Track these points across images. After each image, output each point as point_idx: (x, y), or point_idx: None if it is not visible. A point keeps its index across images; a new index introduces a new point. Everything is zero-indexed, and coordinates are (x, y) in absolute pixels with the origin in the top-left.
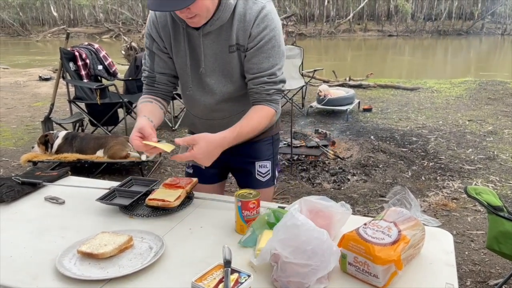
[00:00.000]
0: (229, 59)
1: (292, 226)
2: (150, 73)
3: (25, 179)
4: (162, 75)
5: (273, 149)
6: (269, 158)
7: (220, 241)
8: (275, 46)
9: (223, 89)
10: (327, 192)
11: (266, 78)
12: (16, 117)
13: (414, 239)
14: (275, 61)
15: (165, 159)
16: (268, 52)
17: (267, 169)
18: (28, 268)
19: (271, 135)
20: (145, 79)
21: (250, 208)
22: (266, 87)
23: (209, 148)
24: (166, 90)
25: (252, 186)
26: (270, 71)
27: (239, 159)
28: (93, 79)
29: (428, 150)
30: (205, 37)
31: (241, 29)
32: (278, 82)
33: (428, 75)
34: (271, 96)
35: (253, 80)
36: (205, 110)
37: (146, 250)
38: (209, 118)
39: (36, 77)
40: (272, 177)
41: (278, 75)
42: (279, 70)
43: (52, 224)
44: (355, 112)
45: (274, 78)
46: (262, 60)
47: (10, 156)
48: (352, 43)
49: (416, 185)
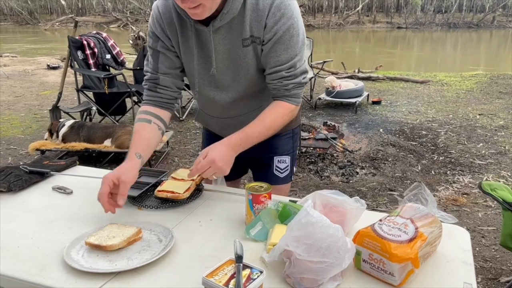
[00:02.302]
0: (243, 54)
1: (307, 224)
2: (153, 75)
3: (33, 168)
4: (167, 76)
5: (293, 144)
6: (288, 153)
7: (230, 234)
8: (294, 35)
9: (238, 87)
10: (335, 185)
11: (284, 72)
12: (25, 105)
13: (431, 236)
14: (294, 51)
15: (172, 149)
16: (286, 43)
17: (286, 165)
18: (35, 259)
19: (291, 128)
20: (146, 83)
21: (261, 201)
22: (285, 82)
23: (220, 149)
24: (170, 96)
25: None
26: (289, 63)
27: (257, 153)
28: (101, 68)
29: (438, 144)
30: (216, 33)
31: (255, 20)
32: (299, 75)
33: (437, 68)
34: (290, 91)
35: (271, 75)
36: (220, 109)
37: (155, 243)
38: (225, 117)
39: (44, 66)
40: (290, 173)
41: (298, 66)
42: (299, 61)
43: (59, 215)
44: (364, 105)
45: (293, 71)
46: (280, 52)
47: (18, 144)
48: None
49: (426, 179)
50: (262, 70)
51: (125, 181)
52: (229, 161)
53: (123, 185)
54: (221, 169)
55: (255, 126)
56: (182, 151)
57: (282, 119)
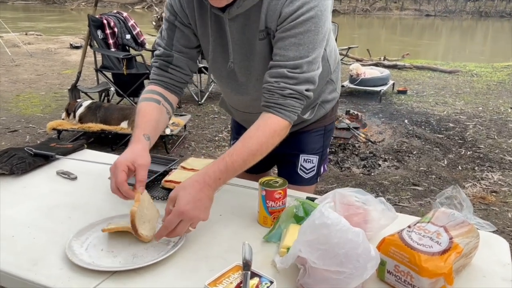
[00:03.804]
0: (260, 48)
1: (321, 226)
2: (166, 51)
3: (37, 151)
4: (181, 55)
5: (323, 142)
6: (317, 152)
7: (240, 233)
8: (311, 30)
9: (256, 84)
10: (356, 177)
11: (286, 70)
12: (46, 84)
13: (467, 248)
14: (305, 51)
15: (189, 133)
16: (299, 37)
17: (313, 165)
18: (29, 251)
19: (324, 125)
20: (157, 60)
21: (275, 198)
22: (282, 84)
23: (190, 193)
24: (181, 79)
25: (291, 181)
26: (295, 62)
27: (283, 149)
28: (120, 49)
29: (466, 138)
30: (233, 21)
31: (271, 9)
32: (302, 82)
33: (467, 58)
34: (286, 99)
35: (271, 70)
36: (240, 104)
37: (163, 239)
38: (245, 111)
39: (67, 45)
40: (316, 174)
41: (305, 70)
42: (309, 64)
43: (60, 202)
44: (388, 94)
45: (298, 74)
46: (289, 47)
47: (37, 123)
48: (387, 22)
49: (452, 174)
50: None
51: (142, 165)
52: (205, 204)
53: (141, 169)
54: (197, 218)
55: (238, 152)
56: (200, 136)
57: (272, 141)
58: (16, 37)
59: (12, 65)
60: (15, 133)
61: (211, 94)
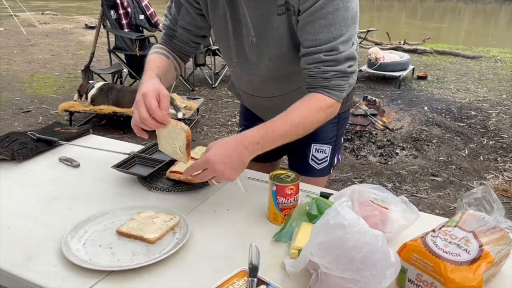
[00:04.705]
0: (277, 24)
1: (336, 227)
2: (172, 24)
3: (40, 136)
4: (185, 31)
5: (337, 131)
6: (330, 141)
7: (248, 231)
8: (340, 8)
9: (269, 64)
10: (372, 166)
11: (323, 55)
12: (60, 64)
13: (499, 256)
14: (338, 30)
15: (202, 117)
16: (328, 18)
17: (325, 155)
18: (24, 245)
19: (338, 113)
20: (164, 28)
21: (286, 194)
22: (323, 67)
23: (224, 148)
24: (185, 50)
25: (303, 172)
26: (329, 45)
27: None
28: (134, 29)
29: (489, 127)
30: None
31: None
32: (342, 61)
33: (490, 44)
34: (330, 80)
35: (306, 57)
36: (249, 86)
37: (168, 235)
38: (254, 95)
39: (82, 25)
40: (329, 165)
41: (342, 50)
42: (345, 44)
43: (61, 191)
44: (408, 79)
45: (335, 55)
46: (320, 29)
47: (50, 104)
48: (407, 4)
49: (473, 165)
50: (298, 47)
51: (166, 95)
52: (234, 164)
53: (165, 99)
54: (221, 173)
55: (280, 122)
56: (212, 120)
57: (317, 116)
58: (32, 17)
59: (28, 44)
60: (28, 114)
61: (225, 77)
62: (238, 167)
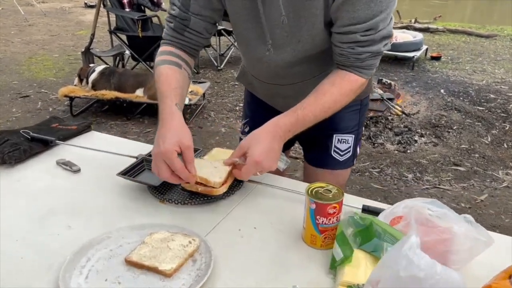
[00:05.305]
0: (308, 4)
1: (409, 281)
2: (183, 13)
3: (35, 135)
4: (199, 18)
5: (359, 119)
6: (352, 130)
7: (283, 256)
8: None
9: (297, 46)
10: (391, 154)
11: (359, 35)
12: (59, 45)
13: None
14: (379, 7)
15: (209, 102)
16: None
17: (348, 146)
18: (13, 279)
19: (360, 99)
20: (172, 20)
21: (328, 214)
22: (358, 48)
23: (264, 144)
24: (198, 43)
25: (325, 165)
26: (368, 23)
27: (312, 130)
28: (135, 9)
29: (509, 111)
30: None
31: None
32: (379, 40)
33: (506, 21)
34: (363, 61)
35: (341, 35)
36: (269, 72)
37: (188, 264)
38: (273, 83)
39: (81, 3)
40: (352, 156)
41: (381, 28)
42: (384, 21)
43: (59, 204)
44: (421, 60)
45: (373, 35)
46: (359, 6)
47: (49, 88)
48: None
49: (497, 153)
50: (330, 27)
51: (189, 146)
52: (276, 156)
53: (189, 151)
54: (269, 168)
55: (310, 106)
56: (219, 105)
57: (347, 99)
58: None
59: (26, 24)
60: (26, 99)
61: (231, 58)
62: (278, 156)
